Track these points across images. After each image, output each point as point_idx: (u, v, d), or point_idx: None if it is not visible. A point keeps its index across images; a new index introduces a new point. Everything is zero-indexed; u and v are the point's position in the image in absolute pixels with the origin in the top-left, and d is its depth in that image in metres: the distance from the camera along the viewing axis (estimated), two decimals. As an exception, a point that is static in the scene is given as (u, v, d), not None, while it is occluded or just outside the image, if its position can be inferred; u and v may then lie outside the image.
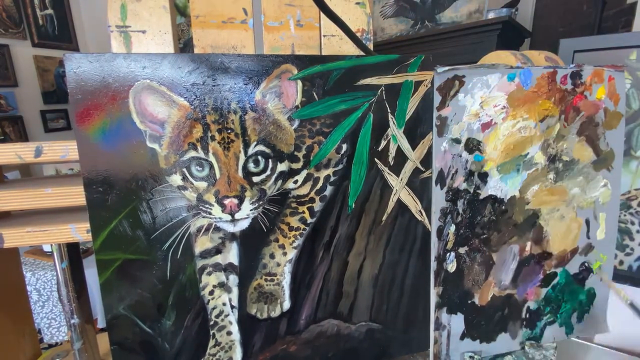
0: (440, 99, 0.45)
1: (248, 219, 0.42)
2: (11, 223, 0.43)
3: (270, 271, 0.44)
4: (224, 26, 0.49)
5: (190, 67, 0.38)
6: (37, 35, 2.79)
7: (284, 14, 0.51)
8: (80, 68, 0.36)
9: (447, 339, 0.51)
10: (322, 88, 0.42)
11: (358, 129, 0.44)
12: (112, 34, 0.45)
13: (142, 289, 0.41)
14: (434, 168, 0.46)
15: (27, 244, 0.42)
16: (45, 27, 2.86)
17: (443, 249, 0.48)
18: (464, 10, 2.26)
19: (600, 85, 0.50)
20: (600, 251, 0.56)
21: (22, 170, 2.46)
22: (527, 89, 0.47)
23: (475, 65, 0.46)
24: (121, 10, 0.45)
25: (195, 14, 0.48)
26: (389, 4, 2.60)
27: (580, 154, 0.52)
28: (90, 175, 0.38)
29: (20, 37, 2.67)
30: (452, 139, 0.46)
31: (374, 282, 0.48)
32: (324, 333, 0.47)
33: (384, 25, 2.65)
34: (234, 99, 0.39)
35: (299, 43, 0.51)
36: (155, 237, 0.40)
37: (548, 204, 0.52)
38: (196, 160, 0.39)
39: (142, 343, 0.42)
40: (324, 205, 0.45)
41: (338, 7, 0.50)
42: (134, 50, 0.46)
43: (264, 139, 0.41)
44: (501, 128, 0.47)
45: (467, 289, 0.51)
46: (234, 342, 0.44)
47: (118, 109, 0.37)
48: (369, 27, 0.52)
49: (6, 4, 2.57)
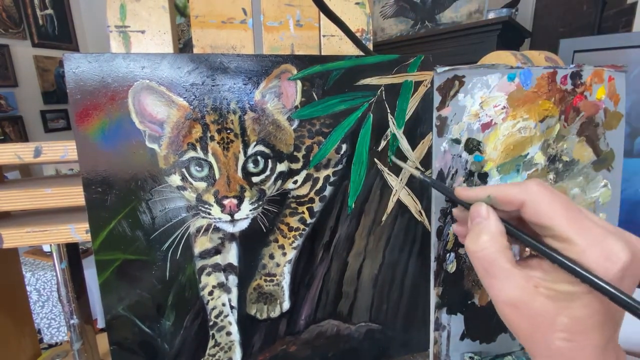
0: (440, 99, 0.45)
1: (247, 220, 0.42)
2: (11, 223, 0.43)
3: (270, 271, 0.44)
4: (223, 26, 0.49)
5: (190, 67, 0.38)
6: (37, 35, 2.80)
7: (283, 14, 0.51)
8: (79, 68, 0.36)
9: (447, 339, 0.51)
10: (322, 88, 0.42)
11: (358, 129, 0.44)
12: (111, 34, 0.45)
13: (141, 290, 0.41)
14: (434, 168, 0.46)
15: (26, 244, 0.42)
16: (45, 27, 2.87)
17: (443, 249, 0.48)
18: (464, 11, 2.26)
19: (600, 86, 0.50)
20: None
21: (22, 170, 2.46)
22: (527, 89, 0.47)
23: (475, 65, 0.46)
24: (120, 10, 0.45)
25: (194, 14, 0.48)
26: (389, 4, 2.60)
27: (580, 154, 0.51)
28: (89, 175, 0.38)
29: (20, 37, 2.68)
30: (452, 139, 0.46)
31: (373, 283, 0.48)
32: (324, 333, 0.47)
33: (384, 25, 2.65)
34: (233, 99, 0.39)
35: (299, 43, 0.51)
36: (155, 237, 0.40)
37: None
38: (195, 160, 0.39)
39: (142, 343, 0.42)
40: (324, 206, 0.45)
41: (337, 7, 0.50)
42: (133, 50, 0.46)
43: (263, 139, 0.41)
44: (501, 128, 0.47)
45: (467, 289, 0.51)
46: (233, 343, 0.44)
47: (117, 109, 0.37)
48: (368, 27, 0.52)
49: (6, 4, 2.57)
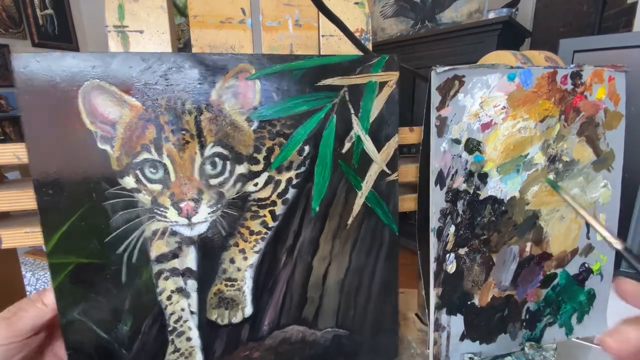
0: (440, 99, 0.44)
1: (206, 223, 0.41)
2: (10, 223, 0.42)
3: (231, 276, 0.43)
4: (222, 26, 0.48)
5: (142, 66, 0.37)
6: (37, 35, 2.81)
7: (282, 14, 0.50)
8: (27, 67, 0.35)
9: (447, 340, 0.51)
10: (282, 88, 0.41)
11: (321, 130, 0.42)
12: (109, 34, 0.45)
13: (96, 294, 0.40)
14: (433, 168, 0.45)
15: (26, 245, 0.41)
16: (46, 27, 2.88)
17: (443, 250, 0.48)
18: (464, 10, 2.24)
19: (601, 86, 0.50)
20: (601, 252, 0.55)
21: (22, 170, 2.47)
22: (527, 89, 0.47)
23: (475, 65, 0.46)
24: (118, 10, 0.44)
25: (193, 13, 0.47)
26: (389, 3, 2.59)
27: (580, 155, 0.51)
28: (40, 177, 0.37)
29: (20, 37, 2.70)
30: (452, 139, 0.46)
31: (339, 287, 0.47)
32: (288, 339, 0.46)
33: (384, 25, 2.64)
34: (188, 99, 0.38)
35: (298, 43, 0.51)
36: (109, 240, 0.39)
37: (548, 205, 0.51)
38: (150, 162, 0.38)
39: (98, 348, 0.41)
40: (287, 209, 0.43)
41: (337, 7, 0.49)
42: (131, 50, 0.45)
43: (220, 140, 0.40)
44: (501, 128, 0.47)
45: (467, 290, 0.50)
46: (194, 348, 0.43)
47: (67, 110, 0.36)
48: (367, 27, 0.51)
49: (6, 4, 2.59)
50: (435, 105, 0.45)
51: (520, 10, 2.15)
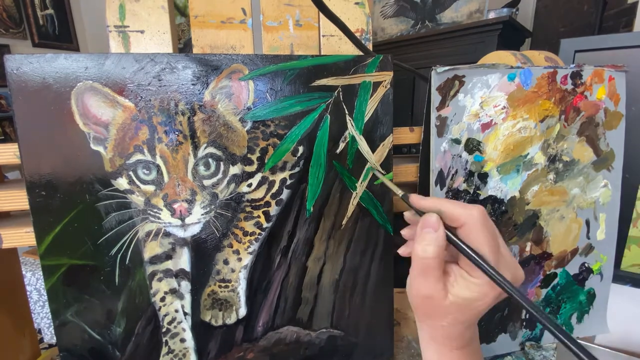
0: (440, 99, 0.45)
1: (199, 224, 0.41)
2: (10, 223, 0.43)
3: (225, 277, 0.43)
4: (222, 26, 0.48)
5: (135, 67, 0.37)
6: (38, 35, 2.81)
7: (283, 14, 0.50)
8: (20, 69, 0.35)
9: None
10: (276, 89, 0.41)
11: (315, 130, 0.42)
12: (110, 34, 0.44)
13: (90, 295, 0.40)
14: (433, 168, 0.45)
15: (26, 244, 0.41)
16: (46, 27, 2.88)
17: None
18: (465, 10, 2.23)
19: (601, 85, 0.50)
20: (601, 252, 0.55)
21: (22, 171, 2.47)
22: (527, 89, 0.47)
23: (475, 65, 0.46)
24: (119, 10, 0.44)
25: (194, 14, 0.47)
26: (389, 3, 2.58)
27: (580, 154, 0.51)
28: (32, 178, 0.37)
29: (20, 37, 2.70)
30: (452, 139, 0.46)
31: (334, 288, 0.46)
32: (283, 340, 0.46)
33: (384, 25, 2.63)
34: (181, 99, 0.38)
35: (298, 43, 0.51)
36: (102, 242, 0.39)
37: (548, 205, 0.51)
38: (143, 163, 0.38)
39: (92, 350, 0.41)
40: (281, 209, 0.43)
41: (337, 7, 0.49)
42: (132, 50, 0.45)
43: (214, 141, 0.39)
44: (501, 128, 0.47)
45: None
46: (187, 350, 0.43)
47: (60, 111, 0.36)
48: (368, 27, 0.51)
49: (6, 4, 2.59)
50: (435, 105, 0.45)
51: (520, 10, 2.14)
